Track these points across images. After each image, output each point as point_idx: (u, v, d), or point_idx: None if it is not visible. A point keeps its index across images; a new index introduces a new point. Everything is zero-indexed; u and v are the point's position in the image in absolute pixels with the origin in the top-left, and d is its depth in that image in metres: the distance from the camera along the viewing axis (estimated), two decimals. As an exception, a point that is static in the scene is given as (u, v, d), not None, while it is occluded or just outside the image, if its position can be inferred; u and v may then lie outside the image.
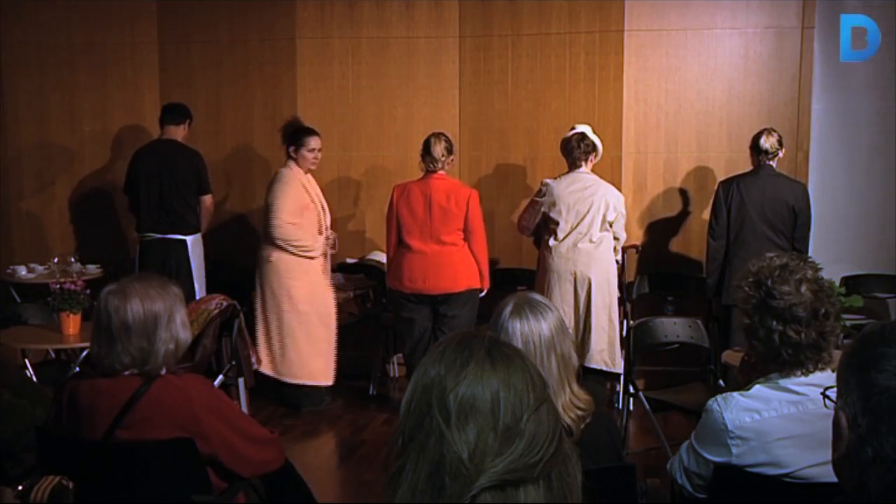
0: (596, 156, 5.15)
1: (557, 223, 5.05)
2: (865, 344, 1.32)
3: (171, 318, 2.39)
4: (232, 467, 2.45)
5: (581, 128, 5.15)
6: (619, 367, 5.05)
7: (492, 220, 6.16)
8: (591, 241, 4.99)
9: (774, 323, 2.17)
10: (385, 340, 6.17)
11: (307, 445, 5.06)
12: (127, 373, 2.40)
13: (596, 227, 4.97)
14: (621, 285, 5.56)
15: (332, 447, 5.21)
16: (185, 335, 2.46)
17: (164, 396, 2.37)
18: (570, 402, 2.18)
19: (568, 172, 5.13)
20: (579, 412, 2.20)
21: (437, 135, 5.07)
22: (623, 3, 5.91)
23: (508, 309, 2.18)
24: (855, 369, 1.30)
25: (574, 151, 5.07)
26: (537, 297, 2.28)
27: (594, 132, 5.21)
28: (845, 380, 1.31)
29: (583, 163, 5.08)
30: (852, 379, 1.30)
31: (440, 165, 4.98)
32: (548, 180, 5.17)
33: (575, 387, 2.21)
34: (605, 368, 5.04)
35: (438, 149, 4.98)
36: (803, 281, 2.17)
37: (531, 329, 2.15)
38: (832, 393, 1.40)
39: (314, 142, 5.37)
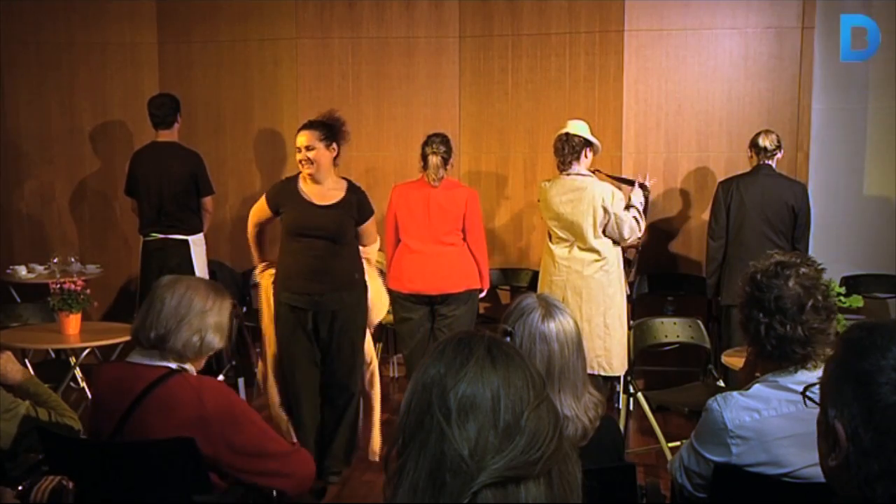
0: (592, 151, 4.99)
1: (550, 226, 5.04)
2: (857, 353, 1.31)
3: (204, 312, 2.46)
4: (236, 474, 2.44)
5: (569, 126, 4.99)
6: (616, 371, 4.99)
7: (492, 220, 6.16)
8: (585, 247, 4.95)
9: (761, 315, 2.18)
10: (385, 340, 6.18)
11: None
12: (147, 361, 2.44)
13: (590, 234, 4.91)
14: (632, 285, 5.55)
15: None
16: (214, 338, 2.49)
17: (177, 392, 2.38)
18: (590, 401, 2.18)
19: (559, 175, 5.01)
20: (595, 412, 2.19)
21: (434, 147, 4.90)
22: (623, 3, 5.91)
23: (538, 313, 2.15)
24: (851, 381, 1.30)
25: (558, 153, 4.95)
26: (550, 297, 2.27)
27: (592, 131, 5.08)
28: (838, 390, 1.31)
29: (574, 162, 4.92)
30: (848, 390, 1.30)
31: (437, 184, 4.93)
32: (542, 184, 5.12)
33: (590, 386, 2.21)
34: (601, 374, 5.01)
35: (434, 164, 4.88)
36: (794, 276, 2.18)
37: (563, 328, 2.14)
38: (814, 392, 1.40)
39: (298, 138, 4.37)
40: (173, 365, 2.45)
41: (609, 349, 4.92)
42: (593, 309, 4.93)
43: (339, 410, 4.49)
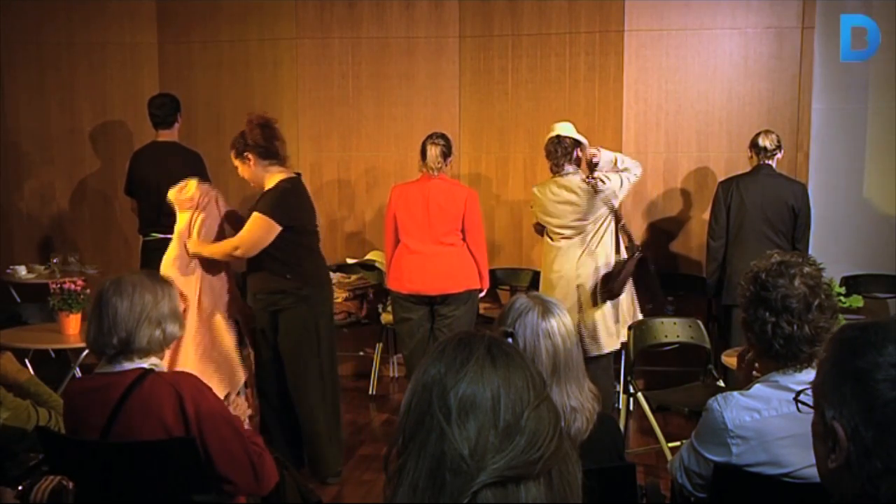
0: (582, 149, 5.03)
1: (551, 229, 5.05)
2: (852, 352, 1.31)
3: (157, 304, 2.45)
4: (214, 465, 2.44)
5: (557, 128, 5.02)
6: (606, 348, 4.93)
7: (491, 220, 6.17)
8: (586, 243, 4.97)
9: (767, 314, 2.18)
10: (385, 340, 6.18)
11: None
12: (118, 368, 2.43)
13: (589, 230, 4.94)
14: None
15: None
16: (174, 327, 2.50)
17: (155, 391, 2.39)
18: (589, 392, 2.19)
19: (553, 177, 5.02)
20: (592, 405, 2.20)
21: (434, 140, 4.95)
22: (623, 3, 5.91)
23: (537, 311, 2.16)
24: (849, 380, 1.29)
25: (552, 156, 4.98)
26: (542, 294, 2.29)
27: (588, 130, 5.11)
28: (836, 390, 1.30)
29: (566, 163, 4.96)
30: (846, 390, 1.29)
31: (436, 173, 4.94)
32: (534, 190, 5.11)
33: (588, 380, 2.22)
34: (615, 349, 4.99)
35: (433, 155, 4.91)
36: (798, 275, 2.18)
37: (563, 322, 2.16)
38: (808, 397, 1.40)
39: None
40: (145, 364, 2.45)
41: (624, 322, 4.95)
42: (591, 298, 4.95)
43: (300, 417, 4.42)
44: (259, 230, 4.19)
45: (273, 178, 4.31)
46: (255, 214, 4.21)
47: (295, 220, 4.27)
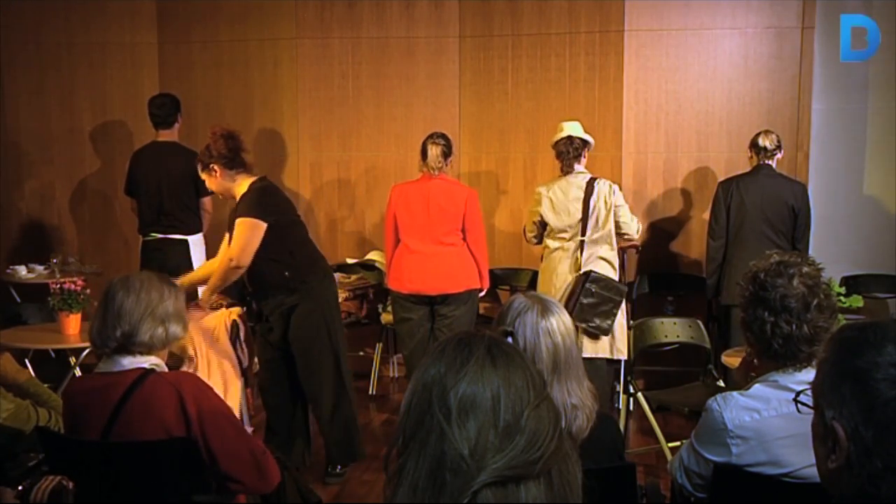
0: (588, 149, 5.11)
1: (556, 228, 5.06)
2: (851, 352, 1.31)
3: (162, 302, 2.47)
4: (219, 466, 2.43)
5: (567, 128, 5.09)
6: (624, 355, 5.02)
7: (491, 220, 6.17)
8: (590, 240, 4.99)
9: (766, 314, 2.18)
10: (385, 340, 6.18)
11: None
12: (118, 367, 2.43)
13: (592, 228, 4.96)
14: (631, 285, 5.57)
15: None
16: (177, 327, 2.51)
17: (156, 392, 2.39)
18: (588, 390, 2.19)
19: (561, 177, 5.08)
20: (592, 403, 2.20)
21: (435, 139, 4.96)
22: (623, 3, 5.91)
23: (536, 310, 2.16)
24: (848, 380, 1.30)
25: (563, 156, 5.05)
26: (540, 294, 2.29)
27: (588, 130, 5.14)
28: (835, 390, 1.31)
29: (576, 163, 5.05)
30: (845, 390, 1.29)
31: (436, 173, 4.95)
32: (541, 189, 5.13)
33: (586, 378, 2.23)
34: (614, 357, 5.03)
35: (434, 154, 4.92)
36: (797, 275, 2.18)
37: (562, 321, 2.17)
38: (807, 397, 1.40)
39: None
40: (145, 364, 2.44)
41: (617, 334, 4.97)
42: None
43: (322, 410, 4.47)
44: (246, 232, 4.18)
45: (242, 184, 4.30)
46: (239, 220, 4.20)
47: (277, 213, 4.28)
